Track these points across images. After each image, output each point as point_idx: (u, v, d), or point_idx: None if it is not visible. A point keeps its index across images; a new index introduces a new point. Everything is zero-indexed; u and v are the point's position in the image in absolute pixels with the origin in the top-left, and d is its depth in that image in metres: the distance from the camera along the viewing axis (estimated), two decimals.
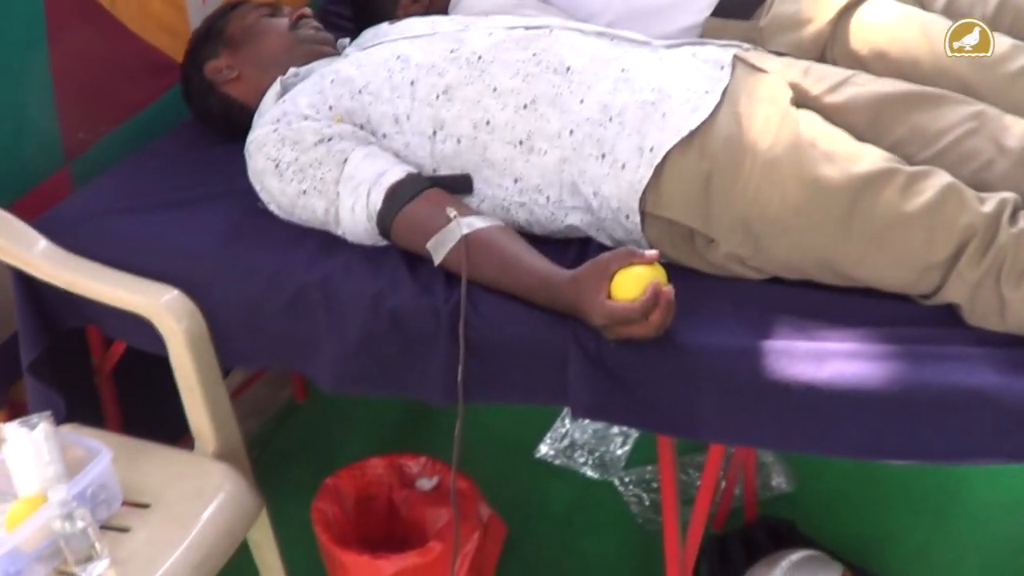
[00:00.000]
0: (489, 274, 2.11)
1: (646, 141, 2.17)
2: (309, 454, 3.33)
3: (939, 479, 3.19)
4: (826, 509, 3.12)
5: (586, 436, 3.35)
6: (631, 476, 3.21)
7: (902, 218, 2.05)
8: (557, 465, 3.28)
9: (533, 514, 3.12)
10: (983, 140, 2.23)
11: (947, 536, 3.04)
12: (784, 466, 3.21)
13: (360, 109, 2.36)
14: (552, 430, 3.38)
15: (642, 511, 3.10)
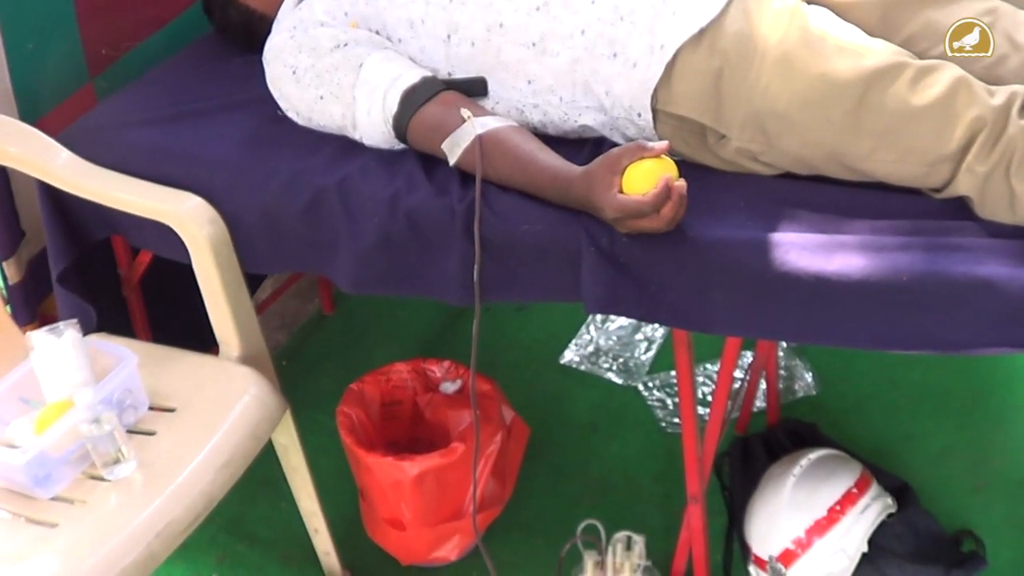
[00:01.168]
0: (503, 172, 2.14)
1: (656, 39, 2.19)
2: (336, 363, 3.37)
3: (962, 382, 3.22)
4: (849, 412, 3.15)
5: (611, 342, 3.38)
6: (655, 381, 3.25)
7: (912, 111, 2.06)
8: (582, 371, 3.32)
9: (558, 419, 3.16)
10: (996, 35, 2.23)
11: (969, 438, 3.07)
12: (807, 370, 3.24)
13: (375, 14, 2.38)
14: (577, 336, 3.42)
15: (666, 415, 3.14)
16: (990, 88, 2.08)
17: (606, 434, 3.13)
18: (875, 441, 3.03)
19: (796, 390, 3.21)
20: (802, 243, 2.01)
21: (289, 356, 3.37)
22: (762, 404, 3.10)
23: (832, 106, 2.09)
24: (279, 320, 3.46)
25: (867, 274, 1.96)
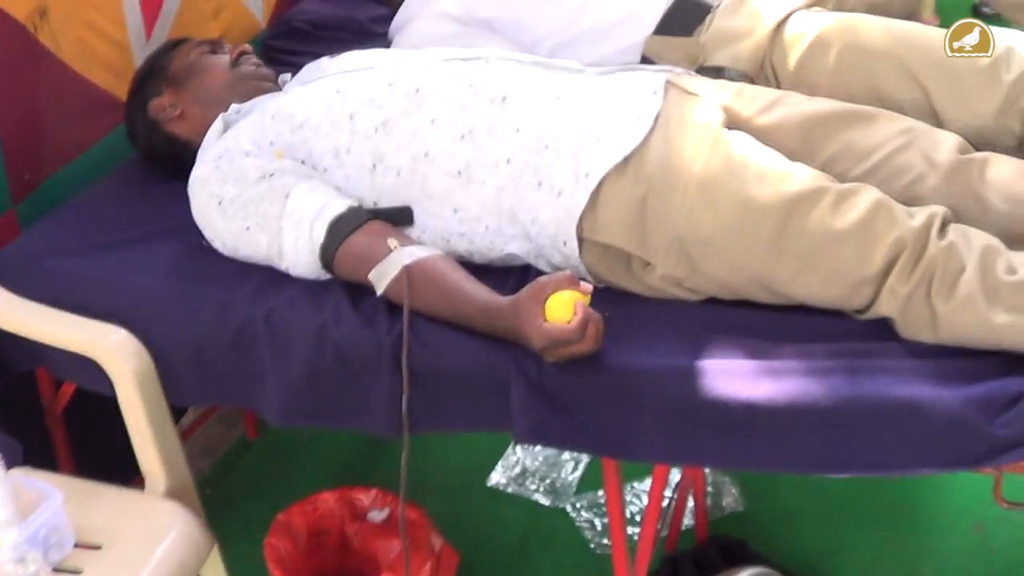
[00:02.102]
0: (431, 303, 2.16)
1: (581, 167, 2.23)
2: (262, 491, 3.34)
3: (890, 492, 3.24)
4: (778, 526, 3.15)
5: (537, 463, 3.38)
6: (583, 501, 3.24)
7: (833, 235, 2.10)
8: (509, 493, 3.31)
9: (486, 543, 3.13)
10: (914, 155, 2.30)
11: (899, 548, 3.07)
12: (735, 485, 3.25)
13: (301, 144, 2.40)
14: (504, 458, 3.41)
15: (594, 536, 3.13)
16: (909, 209, 2.14)
17: (536, 557, 3.11)
18: (805, 554, 3.03)
19: (724, 506, 3.22)
20: (730, 370, 2.03)
21: (214, 484, 3.33)
22: (690, 521, 3.10)
23: (755, 231, 2.13)
24: (203, 446, 3.43)
25: (795, 400, 1.99)
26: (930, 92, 2.53)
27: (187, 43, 2.77)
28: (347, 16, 3.47)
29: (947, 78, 2.52)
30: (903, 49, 2.59)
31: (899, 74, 2.57)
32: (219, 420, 3.51)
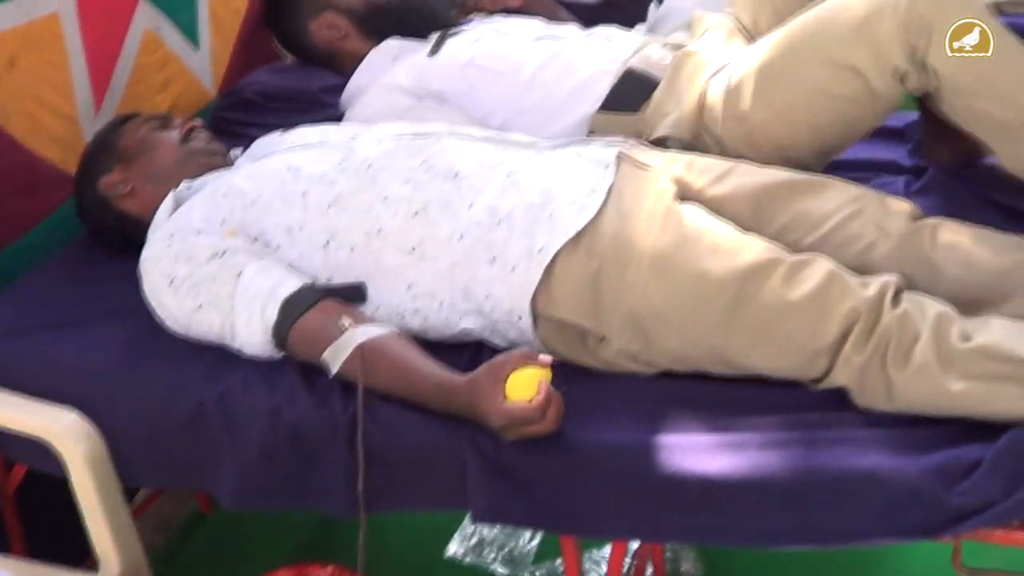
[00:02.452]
0: (385, 382, 2.15)
1: (535, 243, 2.24)
2: (217, 567, 3.31)
3: (850, 558, 3.22)
4: None
5: (494, 532, 3.36)
6: (541, 571, 3.23)
7: (787, 306, 2.12)
8: (467, 564, 3.29)
9: None
10: (865, 222, 2.32)
11: None
12: (693, 550, 3.25)
13: (252, 221, 2.40)
14: (461, 529, 3.39)
15: None
16: (863, 279, 2.15)
17: None
18: None
19: (683, 572, 3.20)
20: (687, 445, 2.04)
21: (168, 560, 3.30)
22: None
23: (709, 305, 2.14)
24: (156, 522, 3.39)
25: (753, 474, 1.99)
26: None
27: (136, 118, 2.76)
28: (298, 87, 3.49)
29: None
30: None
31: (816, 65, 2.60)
32: (173, 495, 3.47)
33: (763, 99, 2.64)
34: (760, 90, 2.64)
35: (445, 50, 3.08)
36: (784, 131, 2.64)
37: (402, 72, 3.06)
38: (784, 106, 2.62)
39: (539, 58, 2.98)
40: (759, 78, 2.65)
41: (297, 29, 3.30)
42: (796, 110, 2.61)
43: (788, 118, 2.62)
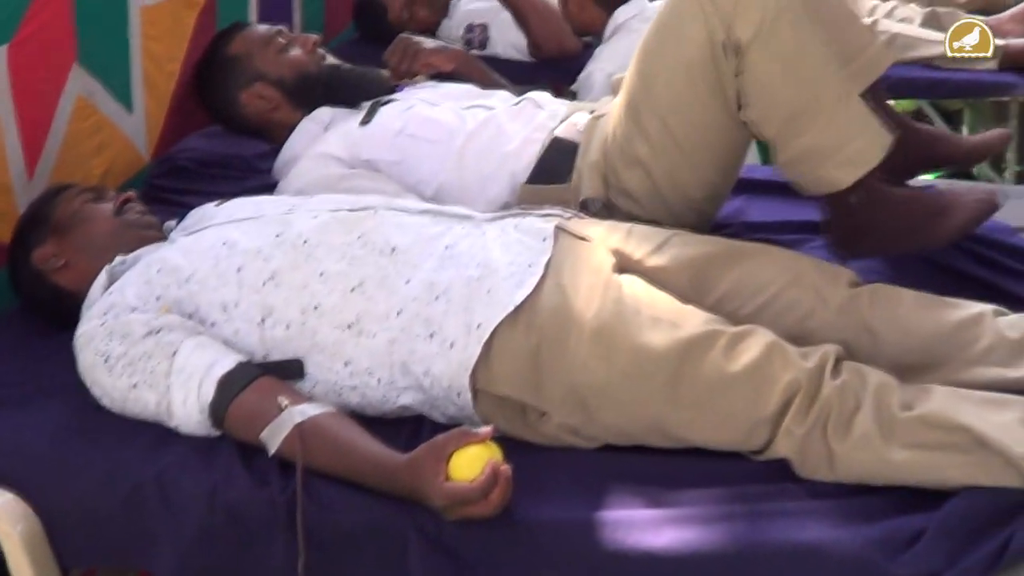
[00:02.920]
0: (325, 462, 2.14)
1: (473, 318, 2.24)
2: None
3: None
4: None
5: None
6: None
7: (727, 379, 2.13)
8: None
9: None
10: (803, 291, 2.35)
11: None
12: None
13: (188, 298, 2.38)
14: None
15: None
16: (802, 350, 2.16)
17: None
18: None
19: None
20: (630, 520, 2.03)
21: None
22: None
23: (650, 379, 2.15)
24: None
25: (696, 549, 1.99)
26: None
27: (70, 190, 2.74)
28: (232, 153, 3.50)
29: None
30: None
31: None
32: (111, 570, 3.44)
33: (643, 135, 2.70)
34: (636, 121, 2.70)
35: (377, 119, 3.10)
36: (677, 160, 2.69)
37: (334, 141, 3.08)
38: (668, 126, 2.67)
39: (470, 127, 3.02)
40: (630, 113, 2.72)
41: (227, 100, 3.29)
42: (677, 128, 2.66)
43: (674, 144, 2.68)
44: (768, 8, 2.44)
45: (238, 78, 3.27)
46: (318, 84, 3.26)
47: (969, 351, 2.27)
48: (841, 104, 2.51)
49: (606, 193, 2.78)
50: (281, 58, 3.27)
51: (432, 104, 3.14)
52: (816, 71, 2.50)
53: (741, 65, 2.50)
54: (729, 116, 2.60)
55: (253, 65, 3.25)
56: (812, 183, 2.60)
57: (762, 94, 2.51)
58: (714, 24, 2.46)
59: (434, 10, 4.80)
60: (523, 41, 4.57)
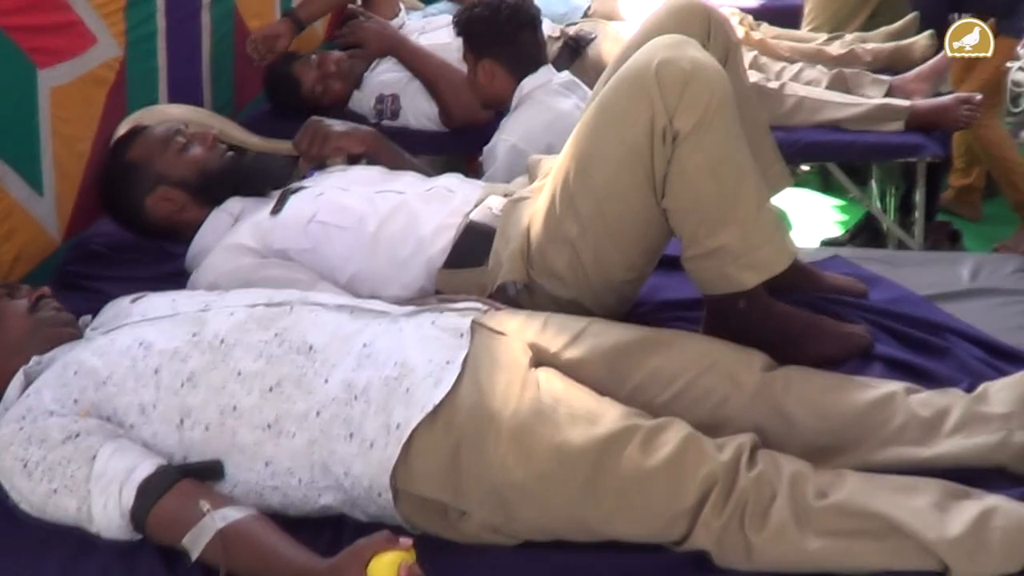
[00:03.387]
0: (247, 567, 2.14)
1: (392, 418, 2.26)
2: None
3: None
4: None
5: None
6: None
7: (645, 473, 2.17)
8: None
9: None
10: (717, 377, 2.41)
11: None
12: None
13: (105, 401, 2.39)
14: None
15: None
16: (718, 441, 2.22)
17: None
18: None
19: None
20: None
21: None
22: None
23: (569, 476, 2.18)
24: None
25: None
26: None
27: None
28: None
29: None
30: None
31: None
32: None
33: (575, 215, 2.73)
34: (569, 201, 2.73)
35: (288, 208, 3.12)
36: (605, 242, 2.73)
37: (246, 232, 3.09)
38: (601, 208, 2.70)
39: (382, 212, 3.04)
40: (564, 192, 2.74)
41: (133, 208, 3.27)
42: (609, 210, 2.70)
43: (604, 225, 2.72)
44: (711, 104, 2.49)
45: (141, 185, 3.24)
46: (221, 179, 3.27)
47: (882, 432, 2.34)
48: (758, 210, 2.58)
49: (527, 276, 2.81)
50: (182, 158, 3.26)
51: (343, 189, 3.16)
52: (740, 174, 2.56)
53: (673, 155, 2.54)
54: (657, 203, 2.64)
55: (154, 170, 3.24)
56: (714, 281, 2.64)
57: (686, 187, 2.55)
58: (659, 109, 2.50)
59: (347, 83, 4.81)
60: (434, 110, 4.62)
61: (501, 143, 3.75)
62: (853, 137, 4.59)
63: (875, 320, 2.87)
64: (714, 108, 2.49)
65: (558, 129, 3.61)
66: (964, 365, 2.67)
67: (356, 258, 2.99)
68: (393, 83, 4.67)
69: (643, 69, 2.54)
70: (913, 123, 4.57)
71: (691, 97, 2.49)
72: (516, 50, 3.94)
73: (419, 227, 3.01)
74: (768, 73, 4.89)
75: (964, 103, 4.59)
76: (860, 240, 5.87)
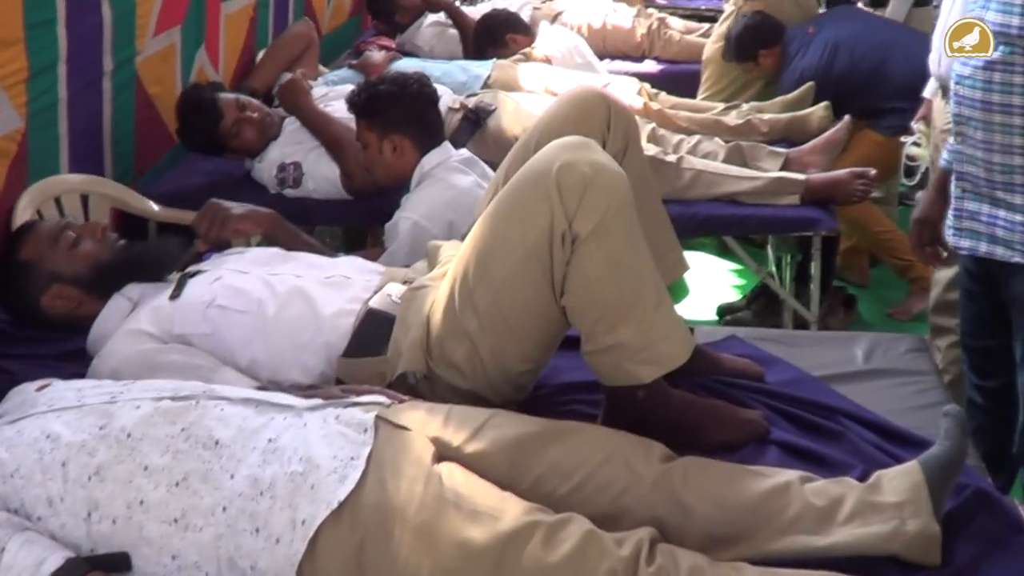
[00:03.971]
0: None
1: (298, 514, 2.31)
2: None
3: None
4: None
5: None
6: None
7: (547, 570, 2.23)
8: None
9: None
10: (617, 468, 2.48)
11: None
12: None
13: (13, 493, 2.41)
14: None
15: None
16: (618, 536, 2.28)
17: None
18: None
19: None
20: None
21: None
22: None
23: (472, 572, 2.24)
24: None
25: None
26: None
27: None
28: None
29: None
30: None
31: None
32: None
33: (473, 309, 2.80)
34: (469, 296, 2.80)
35: (186, 293, 3.15)
36: (503, 336, 2.80)
37: (145, 318, 3.12)
38: (499, 303, 2.77)
39: (281, 296, 3.10)
40: (464, 287, 2.81)
41: (30, 307, 3.29)
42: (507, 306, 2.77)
43: (502, 320, 2.79)
44: (610, 207, 2.59)
45: (35, 284, 3.26)
46: (115, 271, 3.29)
47: (777, 521, 2.42)
48: (657, 306, 2.67)
49: (427, 366, 2.87)
50: (73, 254, 3.27)
51: (241, 273, 3.20)
52: (638, 273, 2.65)
53: (572, 256, 2.62)
54: (556, 300, 2.72)
55: (46, 268, 3.25)
56: (612, 375, 2.74)
57: (584, 286, 2.63)
58: (558, 213, 2.59)
59: (261, 135, 4.77)
60: (335, 173, 4.62)
61: (403, 220, 3.80)
62: (750, 211, 4.67)
63: (771, 404, 2.96)
64: (613, 211, 2.58)
65: (459, 206, 3.72)
66: (858, 450, 2.76)
67: (256, 342, 3.04)
68: (294, 152, 4.67)
69: (543, 172, 2.63)
70: (808, 197, 4.66)
71: (591, 201, 2.58)
72: (424, 126, 4.02)
73: (318, 312, 3.07)
74: (666, 146, 4.94)
75: (858, 177, 4.71)
76: (757, 306, 5.95)
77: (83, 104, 4.21)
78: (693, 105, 5.91)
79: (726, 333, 3.50)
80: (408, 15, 7.25)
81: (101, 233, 3.35)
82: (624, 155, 3.01)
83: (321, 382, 2.98)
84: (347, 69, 6.05)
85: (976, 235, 3.28)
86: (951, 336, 4.27)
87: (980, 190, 3.22)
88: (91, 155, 4.35)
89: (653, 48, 7.54)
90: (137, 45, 4.64)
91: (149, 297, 3.21)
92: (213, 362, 2.98)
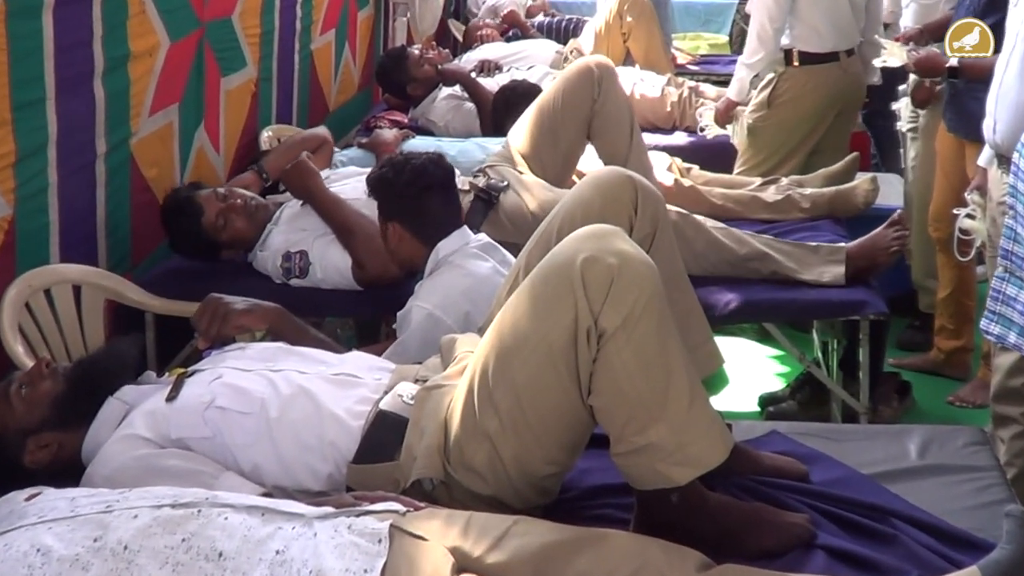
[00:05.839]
0: None
1: None
2: None
3: None
4: None
5: None
6: None
7: None
8: None
9: None
10: None
11: None
12: None
13: None
14: None
15: None
16: None
17: None
18: None
19: None
20: None
21: None
22: None
23: None
24: None
25: None
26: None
27: None
28: None
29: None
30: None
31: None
32: None
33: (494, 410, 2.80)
34: (488, 396, 2.80)
35: (184, 394, 3.15)
36: (526, 438, 2.79)
37: (140, 422, 3.11)
38: (521, 404, 2.78)
39: (284, 396, 3.09)
40: (483, 386, 2.81)
41: (17, 469, 3.19)
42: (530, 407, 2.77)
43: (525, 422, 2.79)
44: (639, 300, 2.61)
45: (11, 450, 3.18)
46: (76, 397, 3.23)
47: None
48: (690, 405, 2.67)
49: (444, 471, 2.86)
50: (29, 402, 3.19)
51: (242, 371, 3.20)
52: (670, 368, 2.66)
53: (599, 353, 2.64)
54: (582, 400, 2.72)
55: (11, 429, 3.18)
56: (644, 477, 2.73)
57: (613, 385, 2.64)
58: (583, 309, 2.61)
59: (251, 224, 4.76)
60: (346, 262, 4.57)
61: (416, 310, 3.78)
62: (792, 295, 4.65)
63: (817, 505, 2.94)
64: (642, 304, 2.60)
65: (477, 296, 3.72)
66: (912, 555, 2.73)
67: (259, 445, 3.03)
68: (300, 240, 4.63)
69: (567, 265, 2.65)
70: (851, 268, 4.62)
71: (618, 295, 2.60)
72: (420, 214, 3.98)
73: (324, 413, 3.06)
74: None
75: (890, 226, 4.68)
76: (802, 395, 5.85)
77: (75, 189, 4.23)
78: (728, 181, 5.87)
79: (767, 428, 3.49)
80: (421, 88, 7.27)
81: (43, 369, 3.26)
82: (652, 240, 3.03)
83: (330, 486, 2.97)
84: (356, 148, 6.07)
85: (1008, 322, 3.26)
86: (1016, 426, 4.18)
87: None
88: (84, 243, 4.36)
89: (684, 119, 7.54)
90: (132, 125, 4.66)
91: (143, 399, 3.20)
92: (215, 467, 2.97)
